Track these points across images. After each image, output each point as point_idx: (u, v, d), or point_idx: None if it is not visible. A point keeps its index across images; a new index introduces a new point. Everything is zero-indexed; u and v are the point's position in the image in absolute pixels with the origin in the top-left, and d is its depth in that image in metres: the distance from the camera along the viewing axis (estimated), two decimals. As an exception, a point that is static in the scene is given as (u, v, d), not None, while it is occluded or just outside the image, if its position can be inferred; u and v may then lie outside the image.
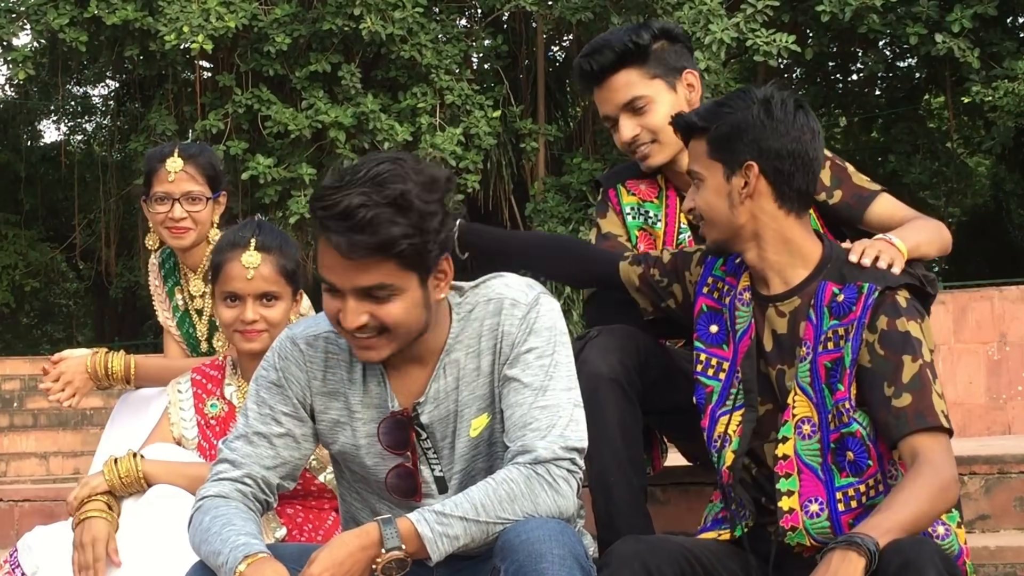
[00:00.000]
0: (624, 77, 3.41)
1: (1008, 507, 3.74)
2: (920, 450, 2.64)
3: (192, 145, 4.04)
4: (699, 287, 3.00)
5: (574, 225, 15.44)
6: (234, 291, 3.37)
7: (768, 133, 2.79)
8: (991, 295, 10.26)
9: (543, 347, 2.67)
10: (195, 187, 3.92)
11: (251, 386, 2.79)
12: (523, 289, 2.73)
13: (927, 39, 14.14)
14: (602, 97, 3.46)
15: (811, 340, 2.80)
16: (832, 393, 2.77)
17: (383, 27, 14.35)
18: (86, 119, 22.30)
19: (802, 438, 2.77)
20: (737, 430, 2.85)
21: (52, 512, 4.65)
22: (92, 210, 19.53)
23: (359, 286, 2.52)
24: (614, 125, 3.46)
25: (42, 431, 11.34)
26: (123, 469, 3.28)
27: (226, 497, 2.68)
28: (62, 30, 14.78)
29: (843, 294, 2.79)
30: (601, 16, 14.71)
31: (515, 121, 15.99)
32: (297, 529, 3.38)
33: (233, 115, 15.15)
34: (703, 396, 2.93)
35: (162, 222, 3.92)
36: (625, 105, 3.41)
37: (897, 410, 2.68)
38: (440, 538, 2.50)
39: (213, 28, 14.12)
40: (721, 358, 2.92)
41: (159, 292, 4.17)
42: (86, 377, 3.84)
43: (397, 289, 2.54)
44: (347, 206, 2.46)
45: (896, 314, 2.75)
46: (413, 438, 2.73)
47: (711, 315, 2.96)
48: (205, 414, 3.50)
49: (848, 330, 2.76)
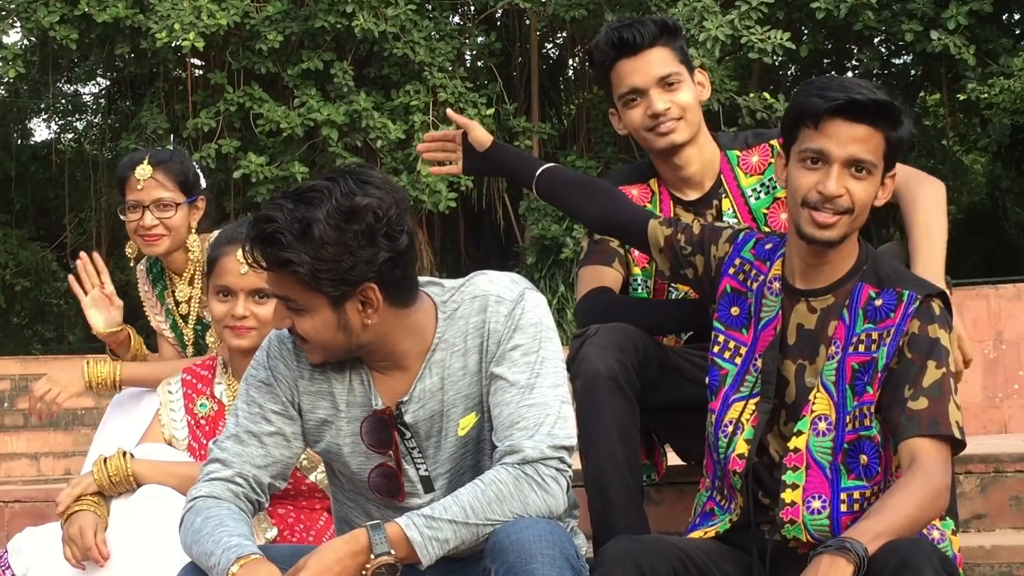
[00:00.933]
0: (660, 52, 3.46)
1: (1004, 506, 3.75)
2: (919, 454, 2.67)
3: (163, 151, 4.07)
4: (725, 266, 2.98)
5: (567, 223, 15.34)
6: (227, 285, 3.40)
7: (907, 150, 2.83)
8: (987, 293, 10.20)
9: (529, 344, 2.69)
10: (165, 193, 3.94)
11: (241, 385, 2.83)
12: (508, 285, 2.75)
13: (922, 36, 14.04)
14: (634, 67, 3.46)
15: (841, 340, 2.80)
16: (855, 395, 2.79)
17: (376, 24, 14.25)
18: (77, 117, 22.14)
19: (817, 435, 2.79)
20: (751, 419, 2.84)
21: (43, 513, 4.64)
22: (83, 209, 19.41)
23: (268, 291, 2.66)
24: (639, 98, 3.47)
25: (33, 431, 11.29)
26: (112, 468, 3.30)
27: (217, 498, 2.71)
28: (52, 28, 14.64)
29: (881, 298, 2.82)
30: (595, 13, 14.65)
31: (509, 119, 15.89)
32: (288, 529, 3.41)
33: (225, 113, 15.02)
34: (717, 378, 2.93)
35: (135, 230, 3.99)
36: (661, 79, 3.45)
37: (912, 411, 2.70)
38: (430, 542, 2.51)
39: (204, 26, 13.99)
40: (739, 342, 2.92)
41: (150, 298, 4.22)
42: (77, 376, 3.90)
43: (301, 306, 2.62)
44: (262, 216, 2.58)
45: (929, 320, 2.77)
46: (396, 437, 2.75)
47: (734, 297, 2.95)
48: (195, 414, 3.53)
49: (883, 335, 2.79)
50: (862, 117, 2.74)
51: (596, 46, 3.53)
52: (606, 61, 3.51)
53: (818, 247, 2.82)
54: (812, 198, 2.76)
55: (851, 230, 2.81)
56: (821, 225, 2.76)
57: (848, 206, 2.76)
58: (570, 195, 3.37)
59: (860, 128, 2.75)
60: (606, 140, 16.05)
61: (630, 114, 3.50)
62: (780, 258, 2.92)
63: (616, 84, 3.51)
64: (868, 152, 2.76)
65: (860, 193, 2.77)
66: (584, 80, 17.28)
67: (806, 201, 2.78)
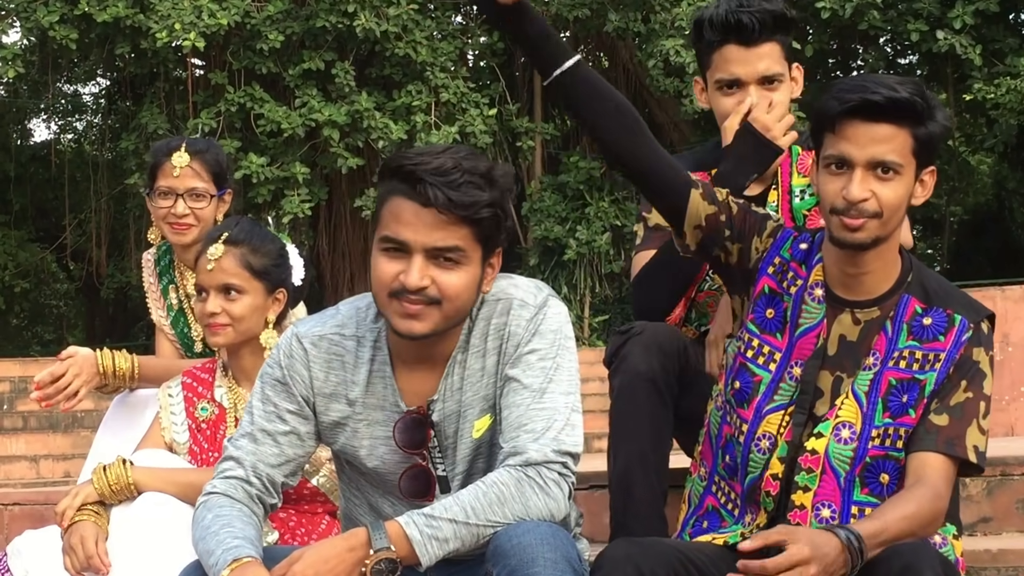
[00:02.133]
0: (772, 47, 3.31)
1: (1010, 509, 3.70)
2: (927, 471, 2.64)
3: (199, 140, 4.03)
4: (764, 265, 2.86)
5: (571, 225, 15.41)
6: (200, 283, 3.41)
7: (943, 142, 2.72)
8: (993, 295, 10.07)
9: (546, 349, 2.67)
10: (200, 183, 3.89)
11: (256, 383, 2.81)
12: (532, 291, 2.72)
13: (928, 36, 14.08)
14: (744, 58, 3.31)
15: (881, 352, 2.72)
16: (887, 410, 2.71)
17: (377, 24, 14.28)
18: (76, 118, 22.32)
19: (838, 441, 2.71)
20: (785, 433, 2.75)
21: (42, 516, 4.54)
22: (83, 210, 19.46)
23: (434, 245, 2.55)
24: (738, 88, 3.32)
25: (32, 434, 11.22)
26: (112, 476, 3.26)
27: (231, 497, 2.70)
28: (52, 27, 14.66)
29: (930, 317, 2.74)
30: (598, 12, 14.69)
31: (511, 119, 15.92)
32: (289, 533, 3.37)
33: (225, 113, 15.04)
34: (749, 385, 2.82)
35: (164, 217, 3.90)
36: (765, 77, 3.31)
37: (931, 424, 2.67)
38: (429, 540, 2.49)
39: (205, 25, 14.01)
40: (774, 347, 2.81)
41: (153, 290, 4.14)
42: (95, 371, 3.77)
43: (466, 257, 2.59)
44: (441, 165, 2.54)
45: (977, 343, 2.71)
46: (431, 436, 2.73)
47: (770, 298, 2.84)
48: (196, 418, 3.50)
49: (930, 358, 2.72)
50: (881, 116, 2.62)
51: (708, 22, 3.33)
52: (715, 41, 3.33)
53: (852, 251, 2.70)
54: (839, 204, 2.65)
55: (884, 233, 2.68)
56: (850, 228, 2.66)
57: (875, 210, 2.63)
58: (597, 107, 2.89)
59: (881, 128, 2.62)
60: (608, 140, 15.92)
61: (723, 101, 3.35)
62: (819, 263, 2.80)
63: (718, 66, 3.34)
64: (892, 152, 2.63)
65: (888, 195, 2.64)
66: (587, 80, 17.18)
67: (834, 208, 2.66)
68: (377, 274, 2.60)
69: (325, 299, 16.77)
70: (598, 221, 15.30)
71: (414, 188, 2.53)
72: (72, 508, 3.24)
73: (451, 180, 2.52)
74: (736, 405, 2.83)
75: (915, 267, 2.79)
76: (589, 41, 16.97)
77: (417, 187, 2.53)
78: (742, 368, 2.84)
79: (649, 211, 3.46)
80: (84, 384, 3.76)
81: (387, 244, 2.58)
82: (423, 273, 2.56)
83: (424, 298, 2.57)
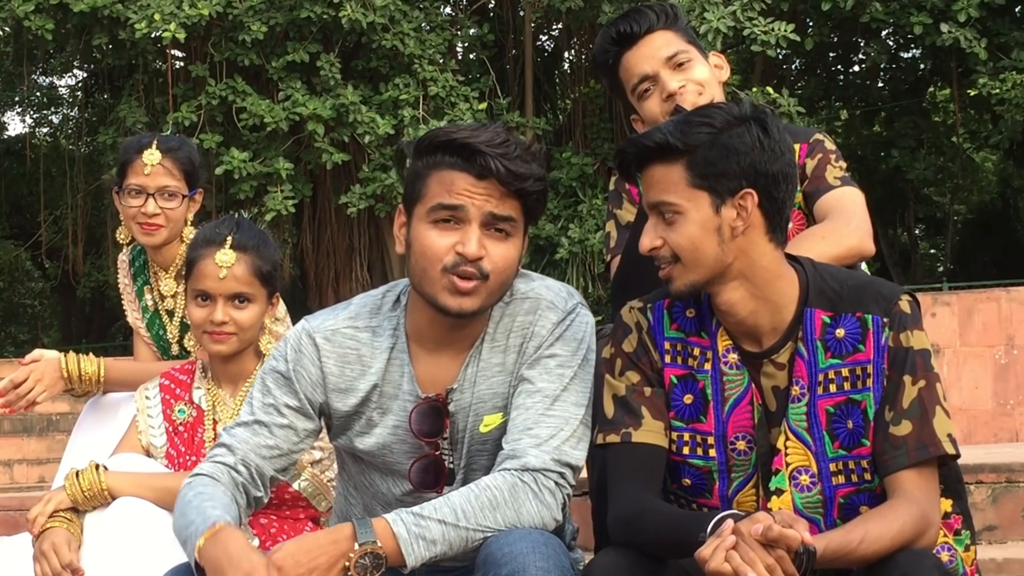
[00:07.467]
0: (663, 36, 3.40)
1: (1016, 517, 3.69)
2: (908, 488, 2.49)
3: (172, 138, 4.01)
4: (660, 360, 2.68)
5: (563, 222, 15.16)
6: (206, 290, 3.36)
7: (766, 155, 2.52)
8: (998, 296, 9.94)
9: (567, 357, 2.68)
10: (171, 182, 3.87)
11: (259, 374, 2.84)
12: (563, 295, 2.75)
13: (932, 29, 13.93)
14: (641, 55, 3.39)
15: (804, 379, 2.58)
16: (836, 441, 2.57)
17: (364, 15, 14.00)
18: (52, 111, 22.36)
19: (800, 490, 2.59)
20: (762, 503, 2.61)
21: (16, 522, 4.61)
22: (59, 206, 19.34)
23: (492, 211, 2.59)
24: (651, 86, 3.37)
25: (5, 438, 11.03)
26: (85, 483, 3.25)
27: (216, 479, 2.70)
28: (27, 17, 14.39)
29: (841, 327, 2.57)
30: (591, 4, 14.49)
31: (502, 114, 15.66)
32: (271, 540, 3.35)
33: (207, 107, 14.79)
34: (700, 478, 2.66)
35: (134, 216, 3.88)
36: (669, 59, 3.36)
37: (896, 439, 2.52)
38: (416, 540, 2.47)
39: (186, 16, 13.76)
40: (704, 433, 2.65)
41: (128, 291, 4.13)
42: (58, 376, 3.78)
43: (516, 229, 2.65)
44: (493, 137, 2.59)
45: (901, 327, 2.56)
46: (448, 425, 2.74)
47: (682, 385, 2.67)
48: (173, 420, 3.49)
49: (857, 373, 2.56)
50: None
51: (598, 48, 3.47)
52: (609, 59, 3.43)
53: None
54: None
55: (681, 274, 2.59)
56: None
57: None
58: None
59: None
60: (603, 135, 15.88)
61: (647, 106, 3.38)
62: (720, 328, 2.63)
63: (626, 80, 3.41)
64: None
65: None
66: (580, 74, 17.19)
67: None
68: (427, 248, 2.60)
69: (308, 298, 16.70)
70: (591, 219, 15.13)
71: (468, 160, 2.58)
72: (44, 515, 3.23)
73: (507, 152, 2.58)
74: (696, 496, 2.69)
75: (810, 273, 2.62)
76: (583, 33, 16.78)
77: (474, 159, 2.58)
78: (682, 465, 2.67)
79: (619, 206, 3.51)
80: (45, 389, 3.75)
81: (441, 214, 2.59)
82: (480, 243, 2.60)
83: (478, 271, 2.61)
